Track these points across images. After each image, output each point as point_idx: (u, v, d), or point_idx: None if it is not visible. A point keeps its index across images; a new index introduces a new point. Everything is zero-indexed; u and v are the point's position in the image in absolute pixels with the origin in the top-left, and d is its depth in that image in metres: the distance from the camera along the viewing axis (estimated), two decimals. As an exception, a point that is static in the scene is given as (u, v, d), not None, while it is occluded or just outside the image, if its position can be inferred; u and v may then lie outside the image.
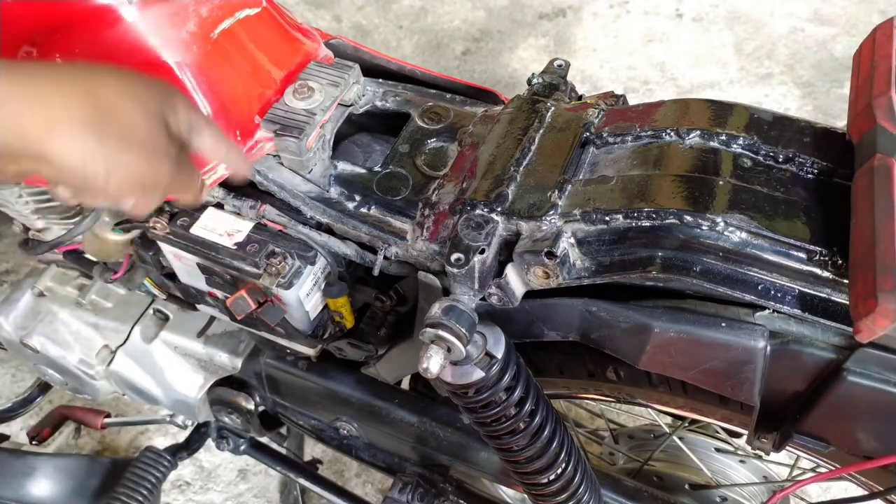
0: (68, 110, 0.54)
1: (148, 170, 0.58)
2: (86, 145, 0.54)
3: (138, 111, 0.57)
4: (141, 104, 0.58)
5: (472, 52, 2.53)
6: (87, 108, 0.54)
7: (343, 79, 0.81)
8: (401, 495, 1.04)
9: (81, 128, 0.54)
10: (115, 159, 0.56)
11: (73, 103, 0.54)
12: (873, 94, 0.59)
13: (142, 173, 0.58)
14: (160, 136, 0.59)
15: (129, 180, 0.57)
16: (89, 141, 0.54)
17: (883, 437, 0.65)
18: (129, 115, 0.57)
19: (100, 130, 0.55)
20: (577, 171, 0.73)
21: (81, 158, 0.54)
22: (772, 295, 0.61)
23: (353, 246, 0.80)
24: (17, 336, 1.13)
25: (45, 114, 0.53)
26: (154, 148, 0.58)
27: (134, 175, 0.57)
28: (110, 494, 1.11)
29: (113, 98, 0.56)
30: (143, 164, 0.58)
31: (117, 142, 0.56)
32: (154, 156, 0.58)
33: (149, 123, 0.58)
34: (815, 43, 2.42)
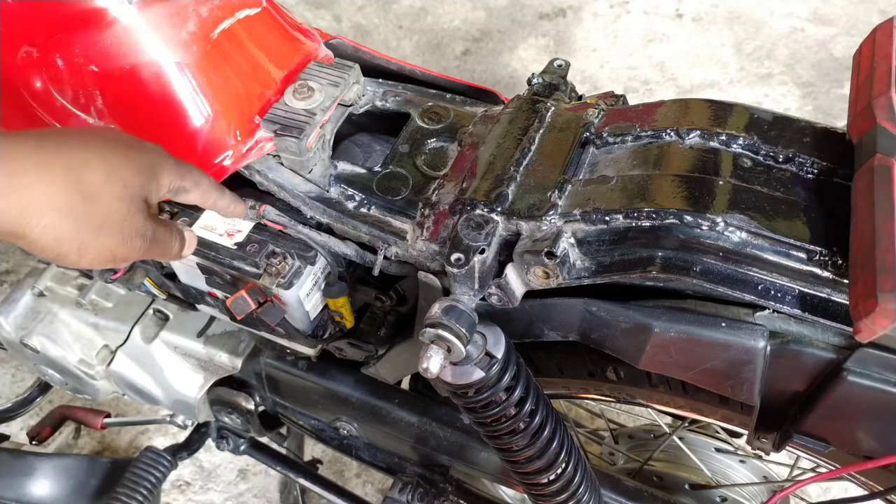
0: (49, 197, 0.55)
1: (120, 249, 0.60)
2: (62, 231, 0.56)
3: (120, 195, 0.59)
4: (123, 187, 0.59)
5: (472, 52, 2.53)
6: (69, 194, 0.56)
7: (343, 79, 0.81)
8: (401, 495, 1.04)
9: (59, 215, 0.55)
10: (88, 242, 0.57)
11: (55, 189, 0.55)
12: (873, 94, 0.59)
13: (114, 252, 0.60)
14: (137, 219, 0.61)
15: (101, 258, 0.59)
16: (66, 227, 0.56)
17: (883, 437, 0.65)
18: (109, 200, 0.58)
19: (78, 217, 0.56)
20: (577, 171, 0.73)
21: (56, 241, 0.56)
22: (772, 295, 0.61)
23: (353, 246, 0.80)
24: (17, 336, 1.13)
25: (25, 200, 0.53)
26: (130, 230, 0.60)
27: (106, 254, 0.59)
28: (110, 494, 1.11)
29: (96, 181, 0.57)
30: (117, 245, 0.60)
31: (94, 227, 0.57)
32: (128, 237, 0.60)
33: (128, 207, 0.60)
34: (815, 43, 2.42)
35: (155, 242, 0.63)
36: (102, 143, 0.59)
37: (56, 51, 0.70)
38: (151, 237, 0.63)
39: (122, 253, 0.61)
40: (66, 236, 0.56)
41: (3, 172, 0.52)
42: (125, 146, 0.61)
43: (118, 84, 0.72)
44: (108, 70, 0.71)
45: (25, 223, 0.54)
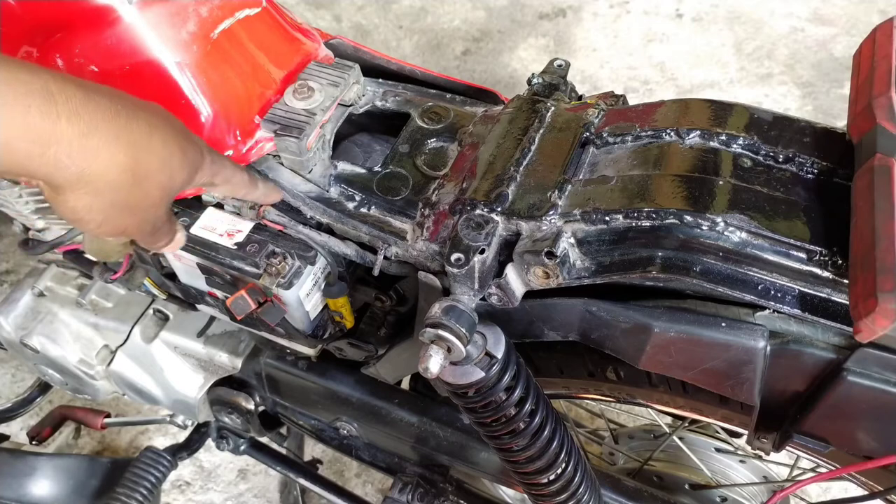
0: (107, 167, 0.54)
1: (133, 228, 0.61)
2: (98, 202, 0.55)
3: (162, 185, 0.59)
4: (169, 178, 0.59)
5: (472, 52, 2.53)
6: (124, 172, 0.55)
7: (343, 79, 0.81)
8: (401, 495, 1.04)
9: (106, 188, 0.55)
10: (113, 218, 0.57)
11: (115, 162, 0.54)
12: (873, 94, 0.59)
13: (126, 229, 0.60)
14: (161, 209, 0.62)
15: (113, 232, 0.59)
16: (104, 200, 0.55)
17: (883, 437, 0.65)
18: (152, 187, 0.58)
19: (119, 195, 0.56)
20: (577, 171, 0.73)
21: (88, 208, 0.55)
22: (772, 295, 0.61)
23: (353, 246, 0.80)
24: (17, 336, 1.13)
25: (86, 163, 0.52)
26: (151, 216, 0.61)
27: (119, 230, 0.59)
28: (110, 494, 1.11)
29: (150, 166, 0.57)
30: (132, 224, 0.60)
31: (126, 206, 0.57)
32: (145, 221, 0.61)
33: (162, 197, 0.60)
34: (815, 43, 2.42)
35: (156, 232, 0.64)
36: (167, 127, 0.59)
37: (56, 51, 0.70)
38: (158, 227, 0.64)
39: (132, 231, 0.61)
40: (99, 208, 0.56)
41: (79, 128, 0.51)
42: (182, 136, 0.60)
43: (118, 84, 0.71)
44: (108, 70, 0.71)
45: (73, 184, 0.53)
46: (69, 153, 0.51)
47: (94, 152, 0.52)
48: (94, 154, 0.52)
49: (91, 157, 0.52)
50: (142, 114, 0.57)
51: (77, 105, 0.51)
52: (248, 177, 0.71)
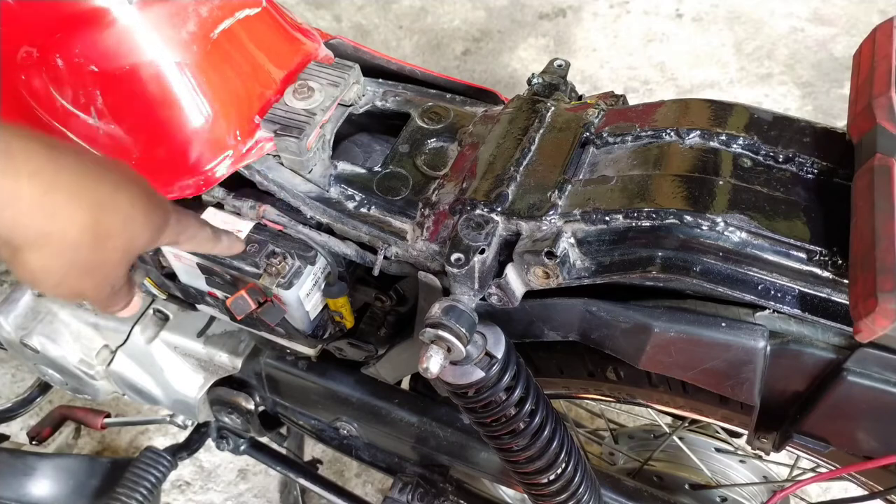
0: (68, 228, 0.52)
1: (89, 291, 0.59)
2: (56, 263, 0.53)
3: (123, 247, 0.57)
4: (131, 241, 0.57)
5: (472, 52, 2.53)
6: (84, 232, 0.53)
7: (343, 79, 0.81)
8: (401, 495, 1.04)
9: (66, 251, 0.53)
10: (69, 281, 0.55)
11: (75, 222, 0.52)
12: (873, 94, 0.59)
13: (82, 292, 0.58)
14: (120, 271, 0.60)
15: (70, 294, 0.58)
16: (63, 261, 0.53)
17: (883, 437, 0.65)
18: (112, 249, 0.56)
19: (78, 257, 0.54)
20: (577, 171, 0.73)
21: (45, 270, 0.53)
22: (772, 295, 0.61)
23: (353, 246, 0.80)
24: (17, 336, 1.13)
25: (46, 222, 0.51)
26: (109, 279, 0.59)
27: (75, 292, 0.58)
28: (110, 494, 1.11)
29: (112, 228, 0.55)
30: (90, 289, 0.58)
31: (84, 268, 0.55)
32: (103, 284, 0.59)
33: (121, 259, 0.58)
34: (815, 43, 2.42)
35: (113, 296, 0.62)
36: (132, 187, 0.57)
37: (56, 51, 0.70)
38: (116, 291, 0.62)
39: (87, 294, 0.59)
40: (57, 269, 0.54)
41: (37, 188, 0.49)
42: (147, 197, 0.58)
43: (118, 84, 0.72)
44: (108, 70, 0.71)
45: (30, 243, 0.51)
46: (29, 213, 0.49)
47: (54, 212, 0.51)
48: (54, 213, 0.51)
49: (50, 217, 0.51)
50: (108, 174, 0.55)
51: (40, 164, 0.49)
52: (210, 232, 0.70)
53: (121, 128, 0.74)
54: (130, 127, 0.74)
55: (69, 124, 0.73)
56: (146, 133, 0.74)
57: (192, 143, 0.75)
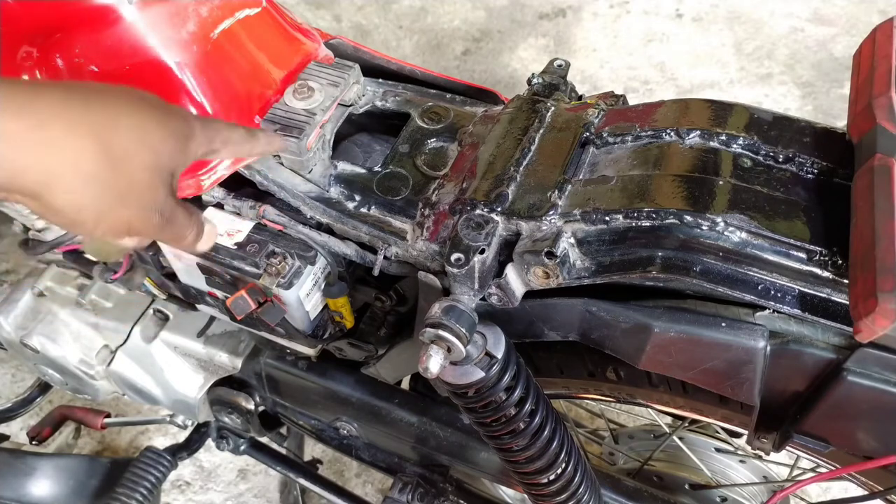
0: (77, 158, 0.50)
1: (136, 221, 0.56)
2: (84, 198, 0.52)
3: (148, 164, 0.55)
4: (154, 155, 0.55)
5: (472, 52, 2.53)
6: (98, 158, 0.51)
7: (343, 79, 0.81)
8: (401, 495, 1.04)
9: (85, 179, 0.51)
10: (108, 211, 0.54)
11: (84, 151, 0.51)
12: (873, 94, 0.59)
13: (130, 223, 0.56)
14: (160, 192, 0.57)
15: (117, 228, 0.56)
16: (89, 194, 0.52)
17: (883, 437, 0.65)
18: (136, 169, 0.54)
19: (103, 184, 0.52)
20: (577, 171, 0.73)
21: (76, 207, 0.52)
22: (772, 295, 0.61)
23: (353, 246, 0.80)
24: (17, 336, 1.13)
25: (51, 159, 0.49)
26: (151, 202, 0.57)
27: (122, 225, 0.56)
28: (110, 494, 1.11)
29: (126, 147, 0.53)
30: (134, 216, 0.56)
31: (116, 196, 0.53)
32: (148, 209, 0.57)
33: (153, 178, 0.56)
34: (815, 43, 2.42)
35: (171, 222, 0.59)
36: (134, 103, 0.55)
37: (56, 51, 0.70)
38: (169, 216, 0.59)
39: (137, 225, 0.56)
40: (87, 203, 0.52)
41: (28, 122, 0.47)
42: (157, 109, 0.56)
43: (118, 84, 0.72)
44: (108, 70, 0.71)
45: (46, 184, 0.50)
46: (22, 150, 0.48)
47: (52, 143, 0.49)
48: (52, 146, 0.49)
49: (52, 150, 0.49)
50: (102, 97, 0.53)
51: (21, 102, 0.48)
52: (244, 131, 0.67)
53: (121, 128, 0.74)
54: (130, 127, 0.74)
55: (69, 124, 0.73)
56: (146, 133, 0.74)
57: (192, 143, 0.75)
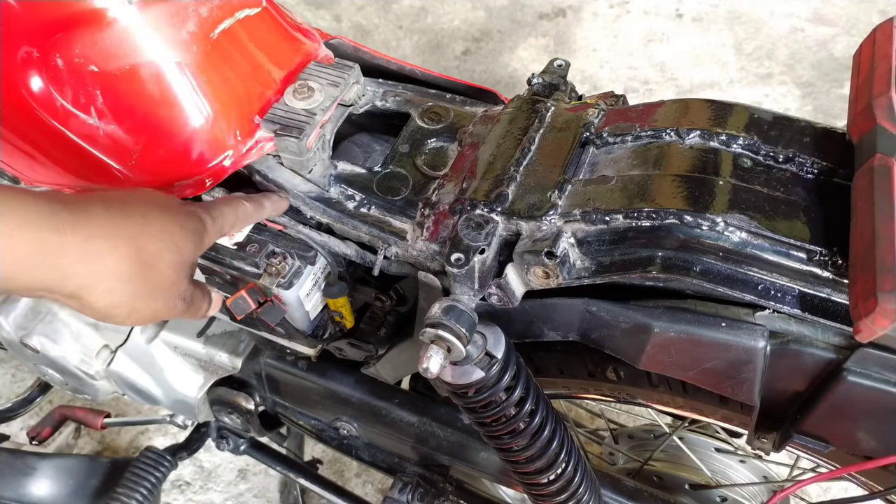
0: (114, 265, 0.57)
1: (163, 310, 0.63)
2: (118, 297, 0.58)
3: (173, 262, 0.62)
4: (178, 255, 0.62)
5: (472, 52, 2.53)
6: (132, 262, 0.58)
7: (343, 79, 0.81)
8: (401, 495, 1.04)
9: (119, 282, 0.58)
10: (139, 307, 0.60)
11: (119, 258, 0.57)
12: (873, 94, 0.59)
13: (157, 313, 0.63)
14: (183, 283, 0.64)
15: (145, 319, 0.62)
16: (123, 294, 0.58)
17: (883, 437, 0.65)
18: (165, 267, 0.61)
19: (136, 284, 0.59)
20: (577, 171, 0.73)
21: (110, 306, 0.58)
22: (772, 295, 0.61)
23: (353, 246, 0.80)
24: (17, 336, 1.13)
25: (92, 267, 0.56)
26: (176, 294, 0.63)
27: (151, 316, 0.62)
28: (110, 494, 1.11)
29: (155, 249, 0.60)
30: (162, 307, 0.62)
31: (147, 292, 0.60)
32: (173, 300, 0.63)
33: (178, 273, 0.63)
34: (815, 43, 2.42)
35: (191, 304, 0.66)
36: (160, 209, 0.62)
37: (56, 51, 0.70)
38: (190, 300, 0.66)
39: (163, 314, 0.63)
40: (121, 301, 0.59)
41: (81, 236, 0.55)
42: (178, 213, 0.63)
43: (118, 84, 0.72)
44: (108, 70, 0.71)
45: (86, 288, 0.56)
46: (76, 261, 0.55)
47: (97, 255, 0.56)
48: (98, 256, 0.56)
49: (95, 259, 0.56)
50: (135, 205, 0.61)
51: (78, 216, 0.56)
52: (250, 206, 0.73)
53: (121, 128, 0.74)
54: (130, 127, 0.74)
55: (69, 124, 0.73)
56: (146, 133, 0.74)
57: (192, 142, 0.75)
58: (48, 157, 0.77)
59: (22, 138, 0.75)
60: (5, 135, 0.75)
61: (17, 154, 0.77)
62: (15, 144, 0.76)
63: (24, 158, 0.78)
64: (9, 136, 0.75)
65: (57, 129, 0.74)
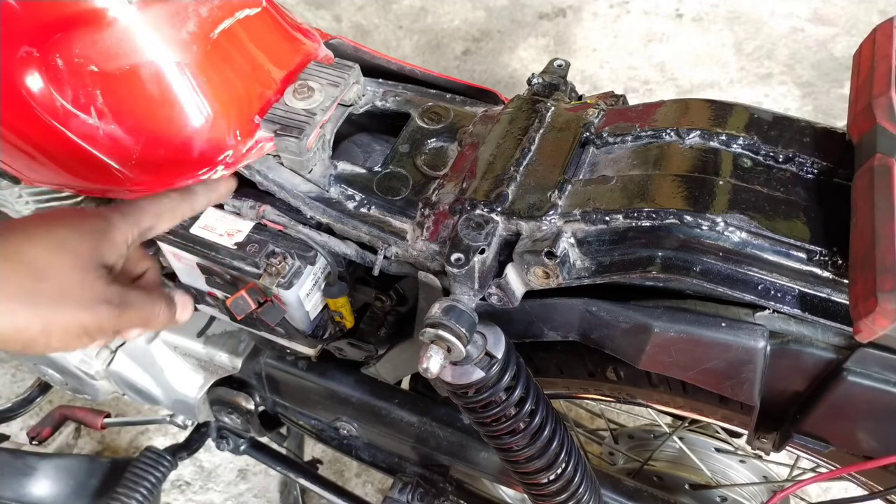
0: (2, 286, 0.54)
1: (87, 320, 0.58)
2: (18, 316, 0.54)
3: (71, 265, 0.58)
4: (74, 257, 0.58)
5: (472, 52, 2.53)
6: (20, 276, 0.55)
7: (343, 79, 0.81)
8: (401, 495, 1.04)
9: (12, 299, 0.54)
10: (51, 321, 0.56)
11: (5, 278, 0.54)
12: (873, 94, 0.59)
13: (82, 324, 0.58)
14: (97, 285, 0.59)
15: (71, 335, 0.58)
16: (21, 311, 0.54)
17: (883, 437, 0.65)
18: (62, 273, 0.57)
19: (32, 297, 0.55)
20: (577, 171, 0.73)
21: (14, 328, 0.54)
22: (772, 295, 0.61)
23: (353, 246, 0.80)
24: (17, 336, 1.13)
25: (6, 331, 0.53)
26: (91, 298, 0.59)
27: (74, 328, 0.58)
28: (110, 494, 1.11)
29: (43, 257, 0.56)
30: (81, 317, 0.58)
31: (51, 303, 0.56)
32: (91, 305, 0.59)
33: (83, 276, 0.58)
34: (815, 43, 2.42)
35: (127, 307, 0.62)
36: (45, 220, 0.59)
37: (56, 51, 0.70)
38: (120, 302, 0.61)
39: (90, 324, 0.59)
40: (27, 320, 0.55)
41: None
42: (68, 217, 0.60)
43: (118, 84, 0.72)
44: (108, 70, 0.71)
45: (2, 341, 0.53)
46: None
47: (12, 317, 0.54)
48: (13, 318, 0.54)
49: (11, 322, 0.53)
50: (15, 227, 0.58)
51: None
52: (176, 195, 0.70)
53: (121, 128, 0.74)
54: (130, 127, 0.74)
55: (69, 124, 0.73)
56: (146, 133, 0.74)
57: (192, 142, 0.75)
58: (48, 157, 0.77)
59: (22, 138, 0.75)
60: (5, 135, 0.75)
61: (17, 154, 0.77)
62: (15, 144, 0.76)
63: (24, 158, 0.78)
64: (9, 136, 0.75)
65: (57, 129, 0.74)
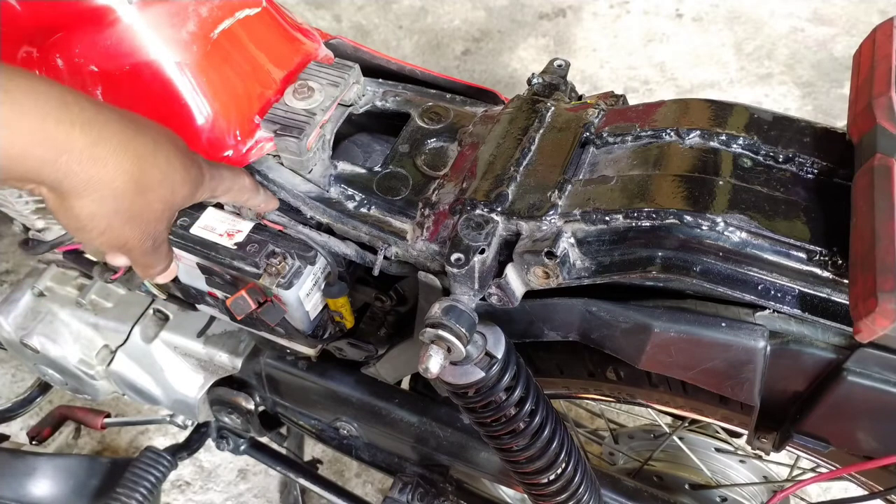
0: (114, 177, 0.56)
1: (133, 241, 0.61)
2: (101, 210, 0.57)
3: (165, 199, 0.61)
4: (171, 193, 0.61)
5: (472, 52, 2.53)
6: (129, 181, 0.57)
7: (343, 79, 0.81)
8: (401, 495, 1.04)
9: (110, 196, 0.56)
10: (115, 227, 0.59)
11: (121, 172, 0.56)
12: (873, 94, 0.59)
13: (127, 243, 0.61)
14: (161, 224, 0.63)
15: (113, 245, 0.61)
16: (106, 208, 0.57)
17: (883, 437, 0.65)
18: (156, 200, 0.60)
19: (122, 203, 0.57)
20: (577, 171, 0.73)
21: (90, 216, 0.57)
22: (772, 295, 0.61)
23: (353, 246, 0.80)
24: (17, 336, 1.13)
25: (94, 171, 0.54)
26: (152, 231, 0.62)
27: (120, 242, 0.61)
28: (110, 494, 1.11)
29: (154, 178, 0.59)
30: (133, 238, 0.61)
31: (128, 216, 0.59)
32: (146, 236, 0.62)
33: (164, 212, 0.62)
34: (815, 43, 2.42)
35: (155, 252, 0.65)
36: (170, 144, 0.61)
37: (56, 51, 0.70)
38: (157, 246, 0.65)
39: (131, 246, 0.62)
40: (103, 214, 0.57)
41: (91, 137, 0.53)
42: (184, 155, 0.63)
43: (118, 84, 0.72)
44: (108, 70, 0.71)
45: (76, 191, 0.54)
46: (80, 160, 0.53)
47: (102, 161, 0.54)
48: (103, 162, 0.54)
49: (100, 165, 0.54)
50: (148, 130, 0.59)
51: (90, 116, 0.53)
52: (248, 181, 0.74)
53: (121, 128, 0.74)
54: (130, 127, 0.74)
55: (69, 124, 0.73)
56: (146, 133, 0.74)
57: (192, 142, 0.75)
58: (48, 157, 0.77)
59: (22, 138, 0.75)
60: (5, 135, 0.75)
61: (17, 154, 0.77)
62: (15, 144, 0.76)
63: (24, 158, 0.78)
64: (9, 136, 0.75)
65: (57, 129, 0.73)
